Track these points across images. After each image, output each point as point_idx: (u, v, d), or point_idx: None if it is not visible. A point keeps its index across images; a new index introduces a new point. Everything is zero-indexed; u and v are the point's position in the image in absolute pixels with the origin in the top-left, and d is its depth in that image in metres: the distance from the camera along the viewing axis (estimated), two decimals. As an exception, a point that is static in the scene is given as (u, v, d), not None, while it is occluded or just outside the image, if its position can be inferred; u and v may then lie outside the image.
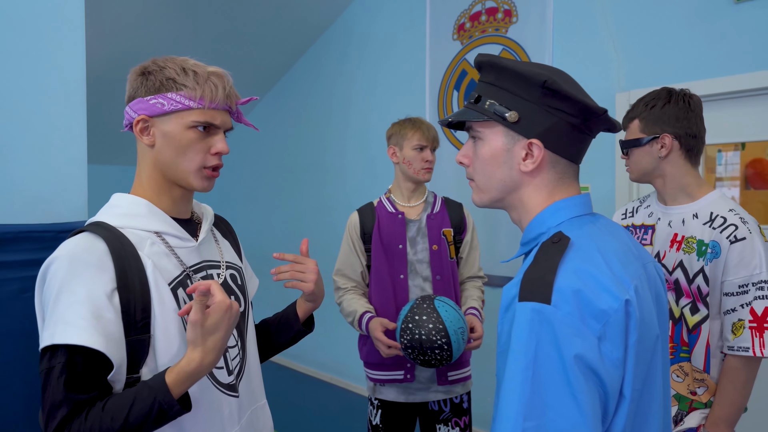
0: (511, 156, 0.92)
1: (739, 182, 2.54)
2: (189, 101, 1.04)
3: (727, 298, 1.49)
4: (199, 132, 1.06)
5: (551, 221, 0.90)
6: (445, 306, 1.81)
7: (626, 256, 0.86)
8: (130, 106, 1.07)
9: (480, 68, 0.97)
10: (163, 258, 1.05)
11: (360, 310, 2.05)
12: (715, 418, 1.50)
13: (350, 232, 2.18)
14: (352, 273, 2.16)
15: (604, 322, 0.76)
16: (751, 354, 1.45)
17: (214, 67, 1.09)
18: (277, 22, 4.12)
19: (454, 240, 2.13)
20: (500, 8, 3.25)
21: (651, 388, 0.83)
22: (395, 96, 3.91)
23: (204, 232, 1.16)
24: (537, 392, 0.74)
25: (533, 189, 0.92)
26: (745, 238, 1.47)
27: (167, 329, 1.01)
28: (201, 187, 1.10)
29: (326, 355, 4.57)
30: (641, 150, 1.61)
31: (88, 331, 0.91)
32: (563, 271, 0.79)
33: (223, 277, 1.17)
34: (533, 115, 0.89)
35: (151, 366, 0.99)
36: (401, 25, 3.86)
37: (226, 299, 0.96)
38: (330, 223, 4.47)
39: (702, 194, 1.59)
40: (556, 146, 0.90)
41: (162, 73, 1.05)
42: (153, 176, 1.09)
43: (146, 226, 1.06)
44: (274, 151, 5.00)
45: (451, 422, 2.08)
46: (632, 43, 2.74)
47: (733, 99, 2.50)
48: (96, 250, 0.97)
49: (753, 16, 2.38)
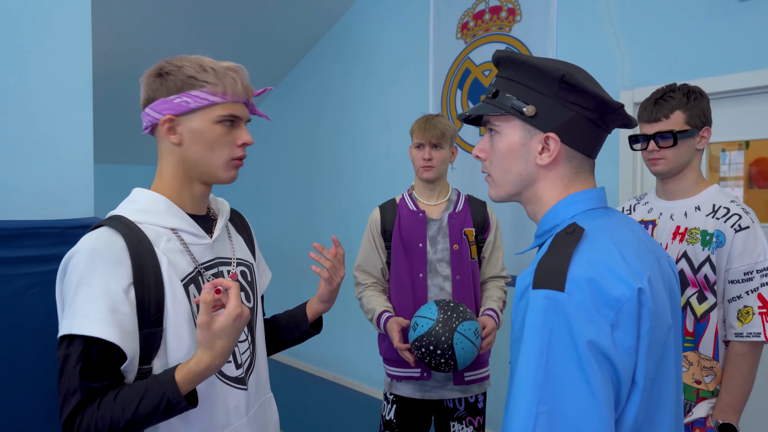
0: (527, 150, 0.93)
1: (743, 181, 2.54)
2: (213, 97, 1.07)
3: (732, 285, 1.53)
4: (225, 126, 1.10)
5: (566, 213, 0.92)
6: (462, 342, 1.76)
7: (640, 247, 0.88)
8: (152, 108, 1.09)
9: (498, 64, 0.99)
10: (177, 254, 1.08)
11: (378, 309, 2.06)
12: (723, 405, 1.53)
13: (371, 228, 2.17)
14: (372, 269, 2.16)
15: (617, 310, 0.77)
16: (762, 339, 1.49)
17: (228, 62, 1.12)
18: (282, 21, 4.14)
19: (477, 239, 2.11)
20: (504, 7, 3.25)
21: (663, 377, 0.84)
22: (400, 94, 3.92)
23: (219, 229, 1.20)
24: (551, 377, 0.75)
25: (549, 182, 0.94)
26: (749, 226, 1.52)
27: (178, 325, 1.05)
28: (228, 178, 1.14)
29: (331, 353, 4.58)
30: (688, 142, 1.61)
31: (104, 324, 0.95)
32: (577, 260, 0.81)
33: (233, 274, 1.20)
34: (550, 109, 0.90)
35: (162, 358, 1.03)
36: (405, 23, 3.87)
37: (237, 307, 0.99)
38: (339, 220, 4.48)
39: (703, 188, 1.65)
40: (572, 140, 0.91)
41: (181, 72, 1.07)
42: (176, 174, 1.13)
43: (163, 222, 1.09)
44: (282, 148, 5.02)
45: (465, 420, 2.09)
46: (636, 41, 2.74)
47: (737, 97, 2.50)
48: (115, 246, 1.01)
49: (757, 13, 2.38)
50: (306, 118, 4.74)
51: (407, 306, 2.05)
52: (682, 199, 1.65)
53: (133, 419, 0.95)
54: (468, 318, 1.81)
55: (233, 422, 1.12)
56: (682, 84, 1.65)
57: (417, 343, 1.81)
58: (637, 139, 1.67)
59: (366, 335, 4.10)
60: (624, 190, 2.78)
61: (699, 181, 1.66)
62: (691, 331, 1.59)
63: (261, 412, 1.22)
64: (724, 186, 2.59)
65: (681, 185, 1.66)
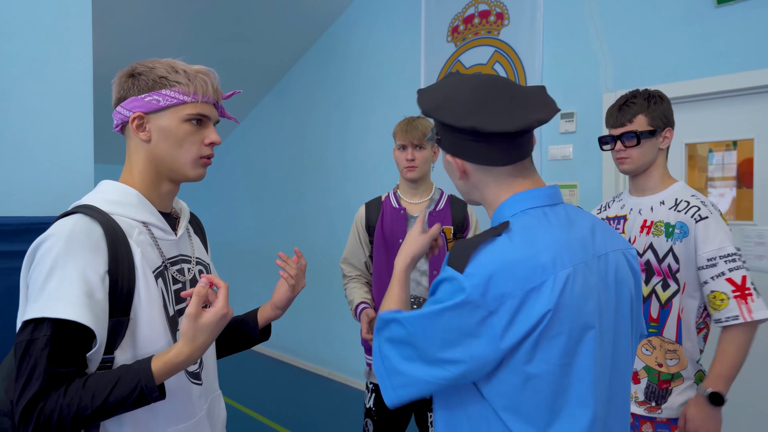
0: (450, 167, 1.07)
1: (734, 181, 2.60)
2: (183, 96, 1.10)
3: (700, 271, 1.65)
4: (193, 125, 1.13)
5: (508, 211, 1.01)
6: None
7: (567, 247, 0.95)
8: (123, 106, 1.12)
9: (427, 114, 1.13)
10: (148, 247, 1.10)
11: (357, 300, 2.16)
12: (714, 375, 1.61)
13: (357, 224, 2.28)
14: (356, 262, 2.28)
15: (499, 303, 0.88)
16: (741, 321, 1.58)
17: (199, 66, 1.17)
18: (278, 24, 4.23)
19: (455, 238, 2.18)
20: (492, 11, 3.34)
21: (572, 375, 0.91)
22: (392, 96, 4.01)
23: (182, 227, 1.23)
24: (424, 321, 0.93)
25: (483, 188, 1.05)
26: (708, 216, 1.64)
27: (151, 315, 1.06)
28: (196, 175, 1.16)
29: (325, 350, 4.66)
30: (651, 141, 1.73)
31: (80, 307, 0.94)
32: (486, 251, 0.92)
33: (193, 273, 1.23)
34: (446, 135, 1.04)
35: (126, 349, 1.03)
36: (397, 27, 3.96)
37: (225, 307, 1.03)
38: (330, 221, 4.57)
39: (669, 184, 1.77)
40: (469, 157, 1.03)
41: (153, 73, 1.11)
42: (146, 171, 1.14)
43: (135, 215, 1.11)
44: (274, 151, 5.10)
45: None
46: (619, 46, 2.84)
47: (715, 99, 2.59)
48: (93, 233, 1.01)
49: (733, 18, 2.47)
50: (300, 120, 4.83)
51: None
52: (650, 195, 1.78)
53: (102, 407, 0.95)
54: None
55: (196, 414, 1.16)
56: (643, 89, 1.78)
57: None
58: (606, 141, 1.80)
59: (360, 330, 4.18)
60: (607, 191, 2.88)
61: (665, 178, 1.78)
62: (655, 317, 1.70)
63: (212, 408, 1.25)
64: (712, 187, 2.68)
65: (648, 182, 1.78)
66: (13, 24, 1.94)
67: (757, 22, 2.40)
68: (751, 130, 2.51)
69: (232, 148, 5.58)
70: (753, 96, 2.50)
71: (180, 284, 1.18)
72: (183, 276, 1.20)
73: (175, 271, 1.17)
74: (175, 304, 1.16)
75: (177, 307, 1.17)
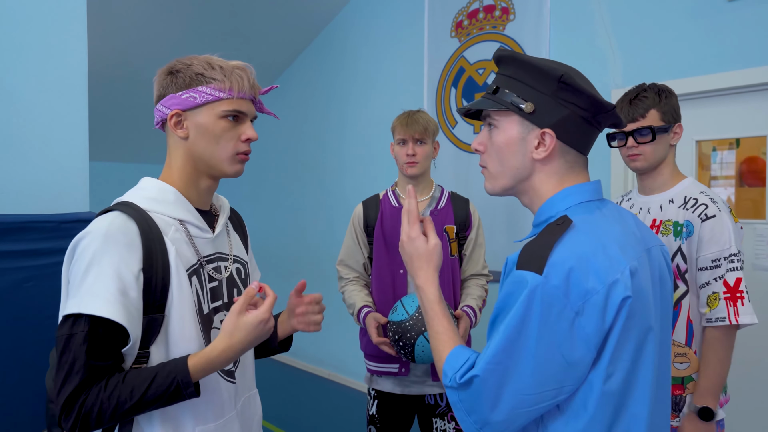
0: (524, 144, 0.98)
1: (735, 180, 2.56)
2: (219, 92, 1.11)
3: (702, 272, 1.59)
4: (230, 121, 1.13)
5: (561, 205, 0.97)
6: (424, 346, 1.81)
7: (627, 240, 0.92)
8: (162, 104, 1.13)
9: (499, 62, 1.03)
10: (183, 245, 1.11)
11: (359, 304, 2.06)
12: (701, 390, 1.58)
13: (354, 223, 2.17)
14: (354, 264, 2.17)
15: (584, 300, 0.83)
16: (727, 323, 1.54)
17: (236, 62, 1.17)
18: (278, 19, 4.16)
19: (458, 237, 2.10)
20: (498, 6, 3.28)
21: (637, 379, 0.88)
22: (394, 93, 3.94)
23: (220, 225, 1.23)
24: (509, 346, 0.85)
25: (544, 176, 0.99)
26: (715, 215, 1.58)
27: (183, 313, 1.07)
28: (233, 171, 1.17)
29: (324, 351, 4.61)
30: (664, 137, 1.67)
31: (114, 305, 0.97)
32: (560, 249, 0.86)
33: (230, 270, 1.23)
34: (547, 106, 0.95)
35: (160, 345, 1.06)
36: (400, 22, 3.90)
37: (267, 313, 1.06)
38: (328, 219, 4.51)
39: (678, 181, 1.71)
40: (567, 137, 0.96)
41: (190, 70, 1.12)
42: (185, 168, 1.15)
43: (172, 213, 1.12)
44: (275, 148, 5.04)
45: (447, 417, 2.09)
46: (628, 40, 2.77)
47: (727, 95, 2.53)
48: (129, 231, 1.03)
49: (746, 13, 2.41)
50: (298, 118, 4.76)
51: (387, 301, 2.05)
52: (659, 193, 1.72)
53: (140, 401, 0.98)
54: None
55: (226, 413, 1.16)
56: (651, 84, 1.72)
57: (389, 325, 1.88)
58: (614, 137, 1.73)
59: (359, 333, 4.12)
60: (616, 188, 2.82)
61: (674, 175, 1.72)
62: None
63: (246, 407, 1.25)
64: (715, 185, 2.62)
65: (657, 180, 1.72)
66: (8, 20, 1.87)
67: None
68: (764, 126, 2.45)
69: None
70: (765, 92, 2.43)
71: (216, 282, 1.19)
72: (219, 274, 1.20)
73: (212, 269, 1.18)
74: (211, 302, 1.17)
75: (213, 304, 1.17)
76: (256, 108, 1.22)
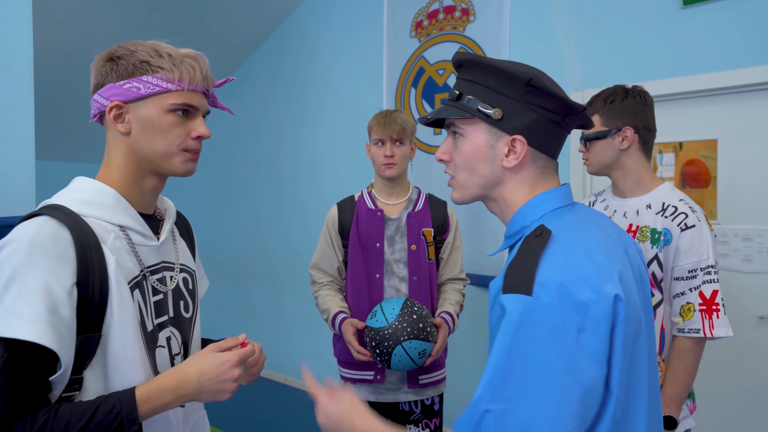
0: (493, 152, 0.94)
1: (674, 181, 2.66)
2: (167, 83, 0.99)
3: (677, 282, 1.59)
4: (179, 116, 1.01)
5: (534, 214, 0.93)
6: (401, 356, 1.79)
7: (608, 243, 0.89)
8: (100, 94, 1.01)
9: (460, 66, 0.99)
10: (124, 254, 0.99)
11: (334, 310, 2.01)
12: (666, 399, 1.58)
13: (328, 226, 2.10)
14: (328, 268, 2.11)
15: (583, 314, 0.78)
16: (701, 335, 1.54)
17: (187, 50, 1.06)
18: (232, 13, 4.03)
19: (435, 240, 2.06)
20: (458, 7, 3.28)
21: (637, 376, 0.85)
22: (353, 92, 3.89)
23: (166, 231, 1.11)
24: (507, 378, 0.77)
25: (515, 184, 0.95)
26: (695, 225, 1.57)
27: (124, 331, 0.95)
28: (184, 171, 1.05)
29: (280, 356, 4.51)
30: (604, 142, 1.67)
31: (41, 325, 0.83)
32: (545, 264, 0.81)
33: (176, 281, 1.12)
34: (515, 112, 0.91)
35: (96, 369, 0.93)
36: (359, 20, 3.85)
37: (232, 357, 0.98)
38: (283, 221, 4.41)
39: (654, 186, 1.69)
40: (537, 142, 0.93)
41: (134, 57, 0.99)
42: (126, 167, 1.03)
43: (111, 218, 0.99)
44: (225, 148, 4.89)
45: (422, 423, 2.06)
46: (587, 44, 2.82)
47: (683, 99, 2.61)
48: (60, 240, 0.90)
49: (699, 20, 2.49)
50: (253, 117, 4.63)
51: (363, 306, 2.00)
52: (635, 197, 1.70)
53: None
54: (422, 338, 1.79)
55: None
56: (606, 88, 1.72)
57: (367, 330, 1.86)
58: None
59: (318, 336, 4.06)
60: (575, 191, 2.86)
61: (647, 179, 1.70)
62: None
63: (195, 430, 1.16)
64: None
65: (625, 184, 1.71)
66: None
67: (722, 25, 2.43)
68: (715, 130, 2.54)
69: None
70: (716, 97, 2.53)
71: (161, 295, 1.06)
72: (165, 286, 1.07)
73: (156, 281, 1.05)
74: (156, 317, 1.03)
75: (157, 320, 1.04)
76: (209, 102, 1.10)
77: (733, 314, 2.38)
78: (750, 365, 2.44)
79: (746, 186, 2.45)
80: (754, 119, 2.43)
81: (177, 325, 1.11)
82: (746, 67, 2.37)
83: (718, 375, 2.48)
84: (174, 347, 1.09)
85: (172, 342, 1.08)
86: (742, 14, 2.38)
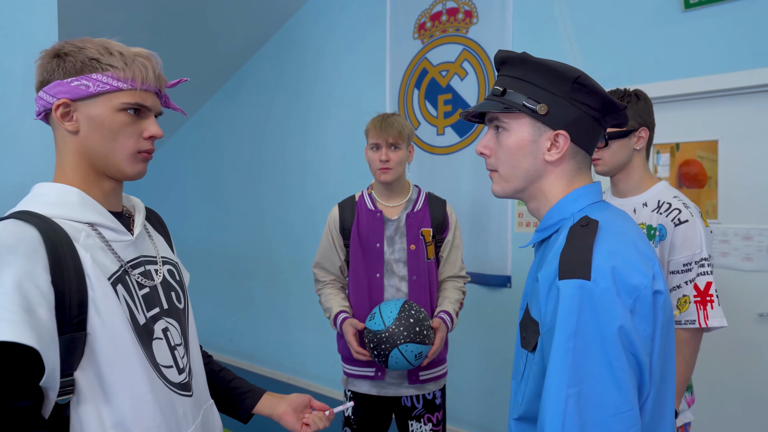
0: (536, 146, 0.98)
1: (671, 181, 2.70)
2: (118, 82, 0.97)
3: (673, 276, 1.64)
4: (130, 115, 1.00)
5: (573, 207, 0.97)
6: (397, 358, 1.82)
7: (641, 237, 0.95)
8: (45, 91, 0.98)
9: (504, 63, 1.03)
10: (99, 251, 0.96)
11: (336, 309, 2.03)
12: None
13: (330, 226, 2.13)
14: (330, 267, 2.14)
15: (635, 297, 0.83)
16: (697, 326, 1.59)
17: (138, 48, 1.03)
18: (236, 13, 4.05)
19: (435, 239, 2.08)
20: (461, 9, 3.31)
21: (670, 366, 0.90)
22: (356, 93, 3.92)
23: (138, 225, 1.10)
24: (578, 361, 0.80)
25: (554, 178, 0.99)
26: (688, 220, 1.62)
27: (112, 327, 0.93)
28: (134, 173, 1.04)
29: (283, 354, 4.53)
30: (622, 142, 1.71)
31: (18, 325, 0.79)
32: (598, 251, 0.86)
33: (162, 274, 1.11)
34: (560, 108, 0.95)
35: (87, 369, 0.90)
36: (362, 21, 3.87)
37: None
38: (288, 220, 4.43)
39: (651, 185, 1.75)
40: (578, 138, 0.97)
41: (82, 54, 0.97)
42: (79, 166, 1.01)
43: (79, 216, 0.97)
44: (229, 147, 4.91)
45: (424, 418, 2.09)
46: (589, 47, 2.86)
47: (685, 101, 2.65)
48: (27, 238, 0.87)
49: (700, 23, 2.53)
50: (257, 116, 4.65)
51: (364, 305, 2.03)
52: (632, 196, 1.76)
53: None
54: (418, 341, 1.82)
55: (183, 430, 1.05)
56: (622, 89, 1.76)
57: (365, 332, 1.90)
58: None
59: (321, 335, 4.08)
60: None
61: (646, 178, 1.75)
62: None
63: (206, 420, 1.15)
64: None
65: (628, 184, 1.76)
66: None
67: (723, 27, 2.47)
68: (715, 131, 2.58)
69: (182, 144, 5.33)
70: (717, 99, 2.57)
71: (148, 289, 1.05)
72: (151, 279, 1.07)
73: (139, 275, 1.03)
74: (147, 310, 1.02)
75: (150, 313, 1.03)
76: (162, 103, 1.08)
77: (733, 312, 2.42)
78: (750, 362, 2.48)
79: (746, 186, 2.49)
80: (754, 121, 2.48)
81: (173, 316, 1.11)
82: (747, 70, 2.41)
83: (718, 371, 2.52)
84: (174, 338, 1.09)
85: (170, 333, 1.08)
86: (743, 18, 2.42)
